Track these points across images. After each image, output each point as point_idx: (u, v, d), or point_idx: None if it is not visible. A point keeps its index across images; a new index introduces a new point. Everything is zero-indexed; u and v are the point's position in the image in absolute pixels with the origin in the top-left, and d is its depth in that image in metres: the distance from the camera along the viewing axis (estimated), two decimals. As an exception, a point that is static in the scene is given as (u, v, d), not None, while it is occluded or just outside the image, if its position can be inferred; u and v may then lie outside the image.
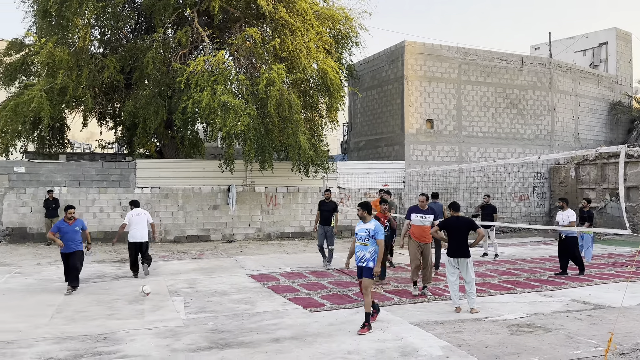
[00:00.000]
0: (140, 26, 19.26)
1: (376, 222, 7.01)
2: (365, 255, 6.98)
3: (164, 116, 16.45)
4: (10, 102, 15.36)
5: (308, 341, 6.43)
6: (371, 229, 6.96)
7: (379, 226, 6.96)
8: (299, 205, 18.80)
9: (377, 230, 6.92)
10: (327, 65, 16.85)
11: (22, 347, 6.14)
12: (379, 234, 6.91)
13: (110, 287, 9.91)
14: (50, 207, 16.05)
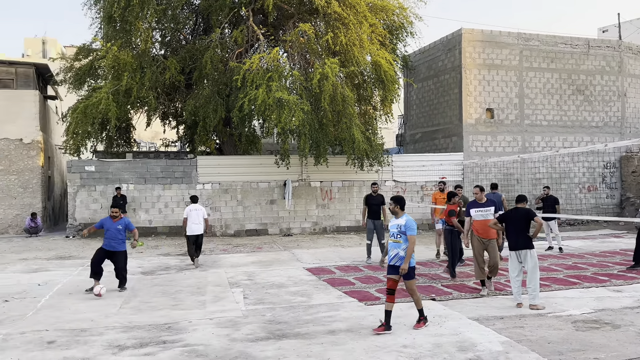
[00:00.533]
0: (198, 27, 19.87)
1: (408, 218, 6.61)
2: (399, 254, 6.57)
3: (223, 114, 16.91)
4: (80, 105, 16.33)
5: (363, 334, 6.44)
6: (402, 225, 6.56)
7: (410, 221, 6.57)
8: (354, 199, 18.78)
9: (408, 225, 6.53)
10: (381, 58, 16.69)
11: (93, 335, 6.54)
12: (410, 229, 6.50)
13: (174, 279, 10.33)
14: (118, 203, 16.91)
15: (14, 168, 18.53)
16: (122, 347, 6.01)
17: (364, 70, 17.46)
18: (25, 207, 18.53)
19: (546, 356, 5.53)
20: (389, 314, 6.53)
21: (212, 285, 9.55)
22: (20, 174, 18.59)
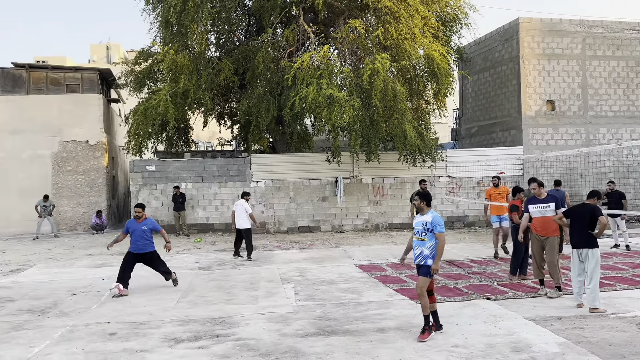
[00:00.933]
0: (251, 28, 20.25)
1: (434, 214, 6.24)
2: (423, 252, 6.20)
3: (275, 113, 17.16)
4: (141, 107, 17.08)
5: (413, 332, 6.35)
6: (428, 222, 6.20)
7: (437, 218, 6.20)
8: (407, 195, 18.50)
9: (435, 222, 6.15)
10: (433, 50, 16.37)
11: (152, 327, 6.84)
12: (438, 227, 6.12)
13: (230, 274, 10.61)
14: (177, 201, 17.60)
15: (81, 168, 19.65)
16: (178, 340, 6.25)
17: (416, 64, 17.18)
18: (92, 205, 19.62)
19: (606, 359, 5.25)
20: (434, 314, 6.34)
21: (264, 281, 9.74)
22: (86, 174, 19.69)
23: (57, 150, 19.47)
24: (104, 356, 5.72)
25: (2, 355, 5.77)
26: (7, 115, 19.15)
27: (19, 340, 6.37)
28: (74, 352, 5.84)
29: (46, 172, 19.35)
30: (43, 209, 17.84)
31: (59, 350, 5.94)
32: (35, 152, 19.29)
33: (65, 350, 5.91)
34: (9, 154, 19.12)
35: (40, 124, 19.29)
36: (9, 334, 6.62)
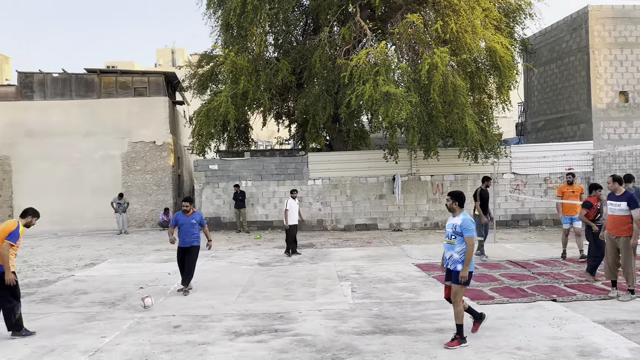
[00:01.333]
0: (308, 27, 20.42)
1: (465, 217, 5.83)
2: (453, 256, 5.85)
3: (331, 111, 17.21)
4: (204, 109, 17.66)
5: (474, 334, 6.17)
6: (457, 225, 5.81)
7: (467, 221, 5.77)
8: (468, 193, 17.77)
9: (464, 225, 5.74)
10: (496, 43, 15.81)
11: (213, 321, 7.07)
12: (467, 231, 5.72)
13: (288, 270, 10.78)
14: (237, 199, 18.08)
15: (148, 168, 20.63)
16: (238, 334, 6.43)
17: (478, 57, 16.64)
18: (159, 203, 20.55)
19: (688, 369, 4.88)
20: (460, 326, 5.83)
21: (322, 278, 9.81)
22: (154, 173, 20.64)
23: (127, 151, 20.54)
24: (168, 347, 5.98)
25: (76, 345, 6.16)
26: (80, 119, 20.42)
27: (92, 330, 6.78)
28: (140, 343, 6.15)
29: (117, 171, 20.48)
30: (118, 205, 18.90)
31: (127, 340, 6.27)
32: (107, 152, 20.46)
33: (133, 341, 6.23)
34: (83, 155, 20.38)
35: (111, 126, 20.43)
36: (82, 325, 7.07)
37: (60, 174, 20.21)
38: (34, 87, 20.61)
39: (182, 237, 9.03)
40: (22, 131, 20.19)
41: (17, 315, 6.50)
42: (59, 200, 20.05)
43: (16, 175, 20.18)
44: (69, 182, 20.20)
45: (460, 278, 5.74)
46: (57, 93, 20.65)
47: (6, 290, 6.48)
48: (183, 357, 5.65)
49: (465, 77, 16.36)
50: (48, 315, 7.60)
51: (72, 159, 20.32)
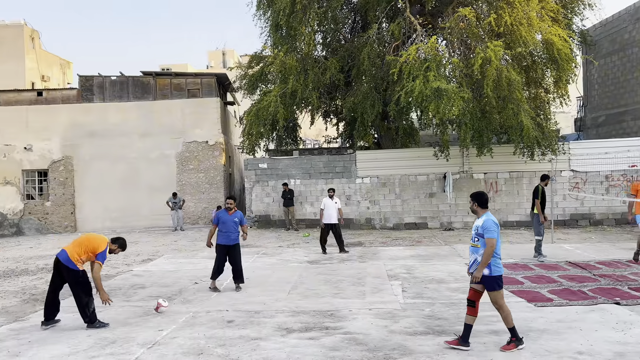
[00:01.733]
0: (356, 25, 20.34)
1: (487, 217, 5.62)
2: (477, 259, 5.62)
3: (380, 109, 17.08)
4: (254, 108, 17.95)
5: (532, 337, 5.96)
6: (479, 226, 5.59)
7: (488, 222, 5.56)
8: (524, 191, 17.41)
9: (485, 226, 5.53)
10: (553, 35, 15.20)
11: (265, 317, 7.17)
12: (488, 231, 5.50)
13: (337, 268, 10.78)
14: (286, 197, 18.26)
15: (201, 167, 21.19)
16: (290, 330, 6.48)
17: (533, 51, 16.05)
18: (211, 201, 21.07)
19: None
20: (468, 328, 5.64)
21: (371, 277, 9.74)
22: (206, 172, 21.19)
23: (181, 151, 21.18)
24: (222, 342, 6.11)
25: (135, 337, 6.40)
26: (137, 119, 21.23)
27: (149, 323, 7.03)
28: (196, 337, 6.31)
29: (171, 170, 21.16)
30: (174, 204, 19.56)
31: (183, 334, 6.45)
32: (162, 152, 21.17)
33: (189, 335, 6.41)
34: (140, 155, 21.18)
35: (166, 126, 21.14)
36: (141, 318, 7.34)
37: (118, 173, 21.10)
38: (94, 89, 21.60)
39: (227, 234, 8.99)
40: (84, 132, 21.21)
41: (91, 309, 6.89)
42: (117, 198, 20.95)
43: (78, 174, 21.22)
44: (127, 180, 21.06)
45: (474, 278, 5.61)
46: (115, 95, 21.56)
47: (79, 287, 6.88)
48: (237, 351, 5.75)
49: (520, 71, 15.82)
50: (108, 309, 7.92)
51: (129, 159, 21.17)
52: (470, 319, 5.66)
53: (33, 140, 21.26)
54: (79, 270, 6.88)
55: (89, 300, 6.90)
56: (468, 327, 5.65)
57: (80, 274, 6.91)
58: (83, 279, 6.93)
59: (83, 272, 6.95)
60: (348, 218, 18.27)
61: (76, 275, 6.88)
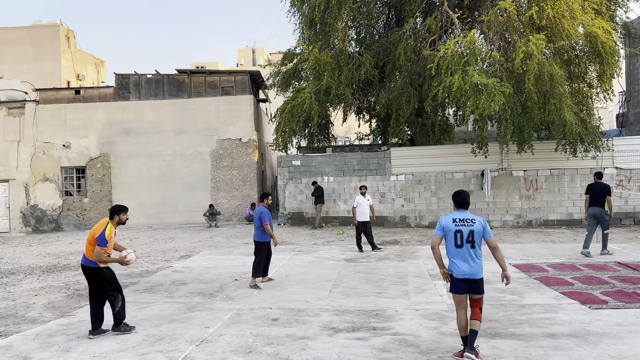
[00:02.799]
0: (390, 20, 20.06)
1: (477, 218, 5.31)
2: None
3: (415, 105, 16.79)
4: (288, 106, 17.89)
5: (591, 341, 5.70)
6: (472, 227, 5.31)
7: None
8: (565, 189, 16.88)
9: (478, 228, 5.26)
10: (596, 28, 14.64)
11: (310, 315, 7.08)
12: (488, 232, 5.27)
13: (376, 267, 10.62)
14: (315, 195, 18.18)
15: (235, 164, 21.29)
16: (337, 330, 6.37)
17: (576, 44, 15.50)
18: (245, 198, 21.15)
19: None
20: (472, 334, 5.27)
21: (412, 276, 9.55)
22: (240, 169, 21.28)
23: (215, 148, 21.32)
24: (270, 340, 6.04)
25: (182, 334, 6.39)
26: (173, 117, 21.46)
27: (195, 320, 7.02)
28: (243, 335, 6.26)
29: (206, 167, 21.33)
30: (211, 215, 19.75)
31: (230, 332, 6.41)
32: (197, 149, 21.35)
33: (235, 333, 6.36)
34: (175, 152, 21.41)
35: (200, 124, 21.30)
36: (185, 314, 7.34)
37: (154, 170, 21.38)
38: (130, 87, 21.92)
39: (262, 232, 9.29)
40: (120, 129, 21.56)
41: (117, 307, 6.50)
42: (153, 194, 21.23)
43: (114, 171, 21.59)
44: (162, 177, 21.33)
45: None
46: (150, 93, 21.83)
47: (102, 283, 6.52)
48: (285, 350, 5.67)
49: (562, 65, 15.30)
50: (152, 305, 7.99)
51: (164, 156, 21.42)
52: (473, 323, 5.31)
53: (71, 138, 21.72)
54: (96, 266, 6.47)
55: (115, 297, 6.51)
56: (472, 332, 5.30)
57: (98, 270, 6.50)
58: (103, 275, 6.52)
59: (105, 268, 6.57)
60: (382, 216, 18.07)
61: (92, 271, 6.51)
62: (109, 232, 6.43)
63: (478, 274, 5.25)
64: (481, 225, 5.27)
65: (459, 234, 5.26)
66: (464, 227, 5.27)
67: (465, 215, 5.35)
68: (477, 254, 5.26)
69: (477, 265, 5.25)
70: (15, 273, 11.45)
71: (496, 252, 5.28)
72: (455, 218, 5.35)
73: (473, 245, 5.24)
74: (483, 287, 5.30)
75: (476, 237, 5.24)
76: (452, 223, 5.32)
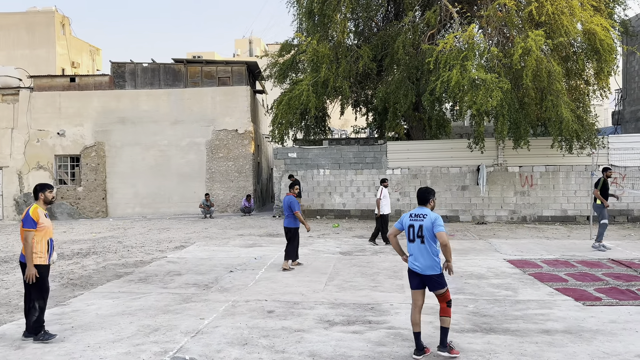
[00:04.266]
0: (389, 13, 19.98)
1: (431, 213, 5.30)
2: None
3: (413, 99, 16.77)
4: (285, 97, 17.81)
5: (585, 337, 5.73)
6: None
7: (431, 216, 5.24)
8: (560, 186, 16.96)
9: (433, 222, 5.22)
10: (595, 25, 14.65)
11: (305, 308, 7.07)
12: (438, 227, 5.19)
13: (371, 260, 10.63)
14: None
15: (231, 155, 21.22)
16: (332, 323, 6.37)
17: (574, 41, 15.51)
18: (240, 189, 21.11)
19: None
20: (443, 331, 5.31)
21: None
22: (235, 160, 21.21)
23: (211, 139, 21.23)
24: (265, 332, 6.03)
25: (177, 325, 6.37)
26: (168, 107, 21.33)
27: (190, 311, 7.00)
28: (238, 327, 6.25)
29: (201, 158, 21.25)
30: (206, 207, 19.68)
31: (225, 323, 6.40)
32: (193, 140, 21.26)
33: (231, 324, 6.35)
34: (170, 142, 21.31)
35: (196, 114, 21.19)
36: (181, 305, 7.32)
37: (149, 159, 21.27)
38: (126, 76, 21.74)
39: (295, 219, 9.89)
40: (115, 118, 21.41)
41: (34, 317, 5.85)
42: (148, 184, 21.15)
43: (109, 160, 21.47)
44: (157, 167, 21.23)
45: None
46: (146, 82, 21.67)
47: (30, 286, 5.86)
48: (281, 343, 5.67)
49: (560, 61, 15.32)
50: (147, 295, 7.96)
51: (160, 146, 21.31)
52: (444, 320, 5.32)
53: (66, 126, 21.55)
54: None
55: (32, 305, 5.84)
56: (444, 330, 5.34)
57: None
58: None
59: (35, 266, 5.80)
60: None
61: (23, 268, 5.88)
62: (33, 210, 5.82)
63: (428, 270, 5.23)
64: (430, 220, 5.20)
65: (411, 229, 5.32)
66: (416, 221, 5.30)
67: (420, 210, 5.35)
68: (429, 249, 5.22)
69: (426, 260, 5.23)
70: (8, 261, 11.37)
71: (444, 248, 5.20)
72: (412, 213, 5.41)
73: (423, 241, 5.23)
74: (440, 282, 5.25)
75: (425, 232, 5.21)
76: (408, 218, 5.39)
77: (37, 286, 5.85)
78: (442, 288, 5.26)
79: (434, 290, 5.29)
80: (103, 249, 12.80)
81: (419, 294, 5.35)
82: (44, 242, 5.93)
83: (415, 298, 5.36)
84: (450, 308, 5.28)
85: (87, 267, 10.44)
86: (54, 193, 6.13)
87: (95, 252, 12.33)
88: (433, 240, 5.21)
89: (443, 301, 5.27)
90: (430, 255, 5.23)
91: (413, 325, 5.28)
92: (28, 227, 5.75)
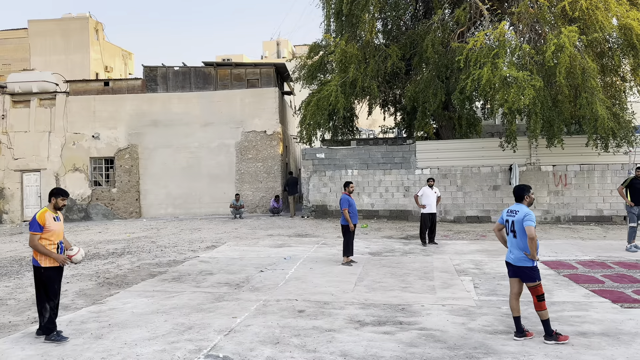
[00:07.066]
0: (418, 12, 19.84)
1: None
2: None
3: (442, 98, 16.60)
4: (313, 98, 17.88)
5: (624, 340, 5.58)
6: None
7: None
8: (595, 185, 16.51)
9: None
10: (631, 20, 14.21)
11: (335, 308, 7.10)
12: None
13: (400, 261, 10.59)
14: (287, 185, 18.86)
15: (259, 156, 21.43)
16: (363, 323, 6.38)
17: (609, 36, 15.09)
18: (269, 190, 21.29)
19: None
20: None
21: (438, 271, 9.49)
22: (264, 161, 21.41)
23: (240, 140, 21.49)
24: (296, 332, 6.09)
25: (210, 323, 6.49)
26: (199, 109, 21.69)
27: (222, 310, 7.11)
28: (270, 326, 6.33)
29: (231, 159, 21.53)
30: (235, 207, 19.92)
31: (257, 322, 6.49)
32: (223, 141, 21.56)
33: (262, 323, 6.43)
34: (201, 144, 21.66)
35: (226, 116, 21.49)
36: (213, 304, 7.45)
37: (180, 161, 21.68)
38: (158, 79, 22.21)
39: (352, 217, 10.26)
40: (148, 121, 21.89)
41: (45, 317, 6.01)
42: (180, 185, 21.55)
43: (142, 162, 21.96)
44: (189, 169, 21.62)
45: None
46: (178, 85, 22.09)
47: (36, 286, 6.11)
48: (312, 342, 5.71)
49: (594, 58, 14.93)
50: (181, 294, 8.13)
51: (191, 148, 21.69)
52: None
53: (100, 129, 22.15)
54: (37, 265, 6.01)
55: (43, 306, 6.02)
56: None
57: (38, 270, 6.02)
58: (40, 276, 6.02)
59: (45, 270, 6.00)
60: (406, 210, 18.00)
61: (34, 270, 6.11)
62: (40, 215, 5.92)
63: (517, 262, 5.70)
64: (521, 216, 5.65)
65: (507, 224, 5.91)
66: (510, 217, 5.85)
67: (515, 207, 5.85)
68: (518, 243, 5.67)
69: (518, 253, 5.69)
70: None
71: (530, 241, 5.57)
72: (509, 209, 5.94)
73: (515, 235, 5.72)
74: (531, 275, 5.62)
75: (517, 226, 5.69)
76: (506, 213, 5.96)
77: (46, 288, 6.04)
78: (533, 281, 5.63)
79: (526, 282, 5.70)
80: (137, 248, 13.12)
81: (514, 282, 5.84)
82: (53, 245, 6.03)
83: (511, 285, 5.89)
84: (542, 302, 5.59)
85: (122, 266, 10.72)
86: (66, 201, 6.27)
87: (130, 251, 12.64)
88: (524, 234, 5.62)
89: (534, 295, 5.63)
90: (520, 249, 5.67)
91: (512, 310, 5.82)
92: (33, 231, 5.92)
